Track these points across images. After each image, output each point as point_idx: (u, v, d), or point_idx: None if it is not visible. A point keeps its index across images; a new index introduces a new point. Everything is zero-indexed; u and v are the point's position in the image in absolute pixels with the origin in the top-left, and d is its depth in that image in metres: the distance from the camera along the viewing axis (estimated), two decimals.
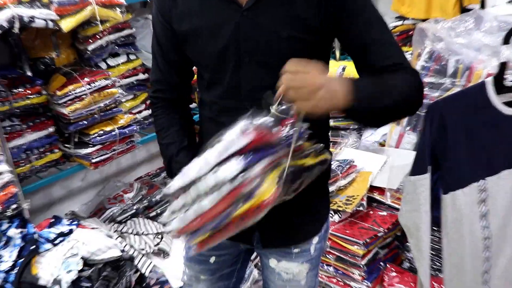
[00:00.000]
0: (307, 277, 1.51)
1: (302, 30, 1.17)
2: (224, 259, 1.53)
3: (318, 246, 1.49)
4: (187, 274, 1.62)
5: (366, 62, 1.21)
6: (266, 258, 1.50)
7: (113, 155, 2.24)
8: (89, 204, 2.58)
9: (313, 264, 1.51)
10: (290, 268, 1.48)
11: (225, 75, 1.25)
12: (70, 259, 1.92)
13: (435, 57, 2.55)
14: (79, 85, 2.08)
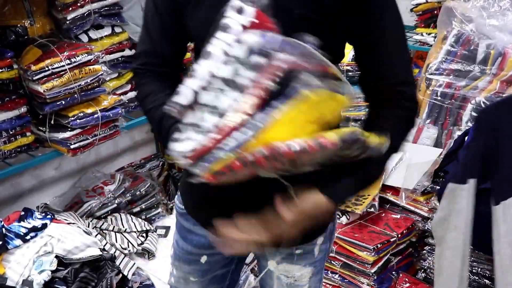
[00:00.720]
0: (310, 282, 1.51)
1: (317, 10, 1.17)
2: (216, 259, 1.53)
3: (323, 247, 1.49)
4: (174, 276, 1.62)
5: (368, 71, 1.27)
6: (265, 260, 1.50)
7: (94, 141, 2.23)
8: (63, 197, 2.58)
9: (317, 267, 1.52)
10: (291, 271, 1.48)
11: None
12: (43, 258, 1.91)
13: (463, 41, 2.56)
14: (57, 60, 2.06)
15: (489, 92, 2.53)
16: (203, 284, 1.58)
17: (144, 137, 2.98)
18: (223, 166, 0.97)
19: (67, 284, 1.93)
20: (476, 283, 2.48)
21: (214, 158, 0.97)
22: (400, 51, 1.25)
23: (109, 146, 2.79)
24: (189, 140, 1.00)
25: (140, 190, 2.59)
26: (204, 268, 1.54)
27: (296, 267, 1.47)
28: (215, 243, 1.24)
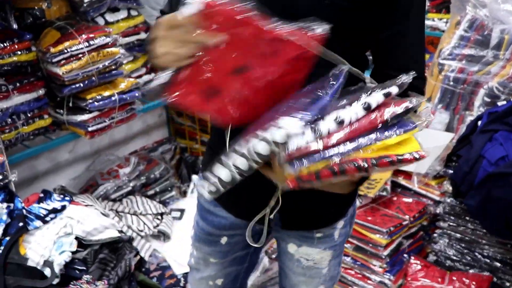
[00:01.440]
0: (329, 265, 1.52)
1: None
2: (236, 241, 1.52)
3: (343, 231, 1.49)
4: (194, 257, 1.62)
5: (384, 61, 1.30)
6: (285, 242, 1.50)
7: (111, 124, 2.23)
8: (78, 179, 2.59)
9: (337, 251, 1.52)
10: (311, 254, 1.48)
11: None
12: (63, 239, 1.92)
13: (477, 26, 2.55)
14: (75, 42, 2.06)
15: (502, 77, 2.52)
16: (223, 265, 1.58)
17: (157, 120, 2.98)
18: (312, 172, 1.01)
19: (86, 265, 1.95)
20: (487, 265, 2.50)
21: (309, 162, 0.99)
22: (420, 46, 1.30)
23: (122, 130, 2.78)
24: (302, 136, 1.00)
25: (155, 173, 2.60)
26: (224, 250, 1.54)
27: (316, 250, 1.47)
28: None
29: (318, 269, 1.52)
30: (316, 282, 1.55)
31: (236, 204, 1.44)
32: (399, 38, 1.25)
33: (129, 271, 2.01)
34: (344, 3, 1.17)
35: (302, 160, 1.00)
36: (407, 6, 1.21)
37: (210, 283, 1.61)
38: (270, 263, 2.39)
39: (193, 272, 1.65)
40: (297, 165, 0.99)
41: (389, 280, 2.50)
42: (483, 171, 2.25)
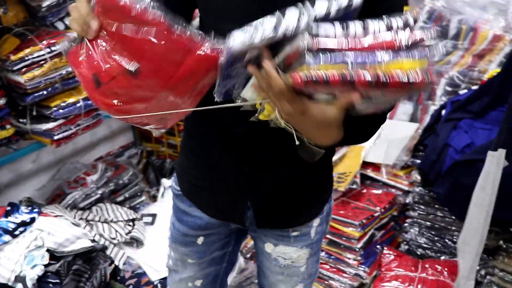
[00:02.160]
0: (307, 263, 1.51)
1: None
2: (213, 240, 1.51)
3: (319, 229, 1.49)
4: (172, 258, 1.60)
5: None
6: (262, 242, 1.50)
7: (77, 131, 2.19)
8: (43, 190, 2.54)
9: (314, 249, 1.51)
10: (288, 253, 1.48)
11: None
12: (34, 252, 1.89)
13: (435, 17, 2.60)
14: (36, 49, 2.02)
15: (461, 67, 2.58)
16: (201, 266, 1.56)
17: (121, 125, 2.92)
18: (323, 74, 0.91)
19: (60, 277, 1.91)
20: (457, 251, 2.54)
21: (331, 59, 0.91)
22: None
23: (86, 136, 2.72)
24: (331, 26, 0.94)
25: (123, 179, 2.57)
26: (201, 250, 1.52)
27: (292, 249, 1.47)
28: None
29: (295, 268, 1.51)
30: (295, 281, 1.55)
31: (210, 204, 1.42)
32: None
33: (105, 280, 1.98)
34: None
35: (326, 53, 0.91)
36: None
37: (189, 284, 1.59)
38: (245, 262, 2.38)
39: (172, 274, 1.63)
40: (318, 59, 0.91)
41: (364, 272, 2.52)
42: (450, 159, 2.29)
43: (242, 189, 1.24)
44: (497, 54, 2.41)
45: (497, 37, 2.42)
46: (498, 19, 2.43)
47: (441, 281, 2.42)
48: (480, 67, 2.49)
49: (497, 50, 2.42)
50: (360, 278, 2.53)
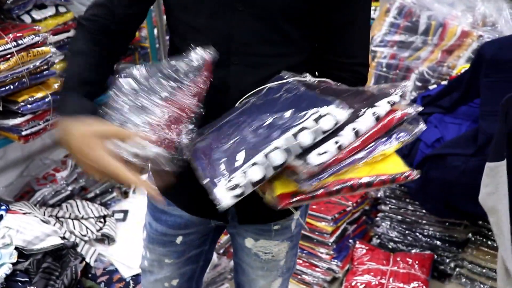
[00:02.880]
0: (286, 257, 1.53)
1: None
2: (192, 239, 1.51)
3: (299, 222, 1.50)
4: (148, 259, 1.58)
5: (333, 47, 1.30)
6: (241, 237, 1.50)
7: (46, 126, 2.13)
8: (11, 187, 2.48)
9: (293, 242, 1.52)
10: (269, 247, 1.48)
11: (214, 23, 1.22)
12: (2, 251, 1.84)
13: (406, 13, 2.62)
14: (2, 42, 1.95)
15: (431, 62, 2.60)
16: (178, 265, 1.55)
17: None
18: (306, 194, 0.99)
19: (29, 276, 1.86)
20: (428, 244, 2.58)
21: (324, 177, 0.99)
22: (366, 36, 1.33)
23: (53, 132, 2.66)
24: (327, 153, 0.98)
25: None
26: (179, 249, 1.52)
27: (274, 242, 1.47)
28: None
29: (276, 262, 1.52)
30: (274, 275, 1.55)
31: (190, 201, 1.41)
32: (349, 26, 1.26)
33: (76, 278, 1.94)
34: (297, 4, 1.19)
35: (320, 175, 0.98)
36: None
37: (165, 285, 1.59)
38: (218, 258, 2.38)
39: (147, 275, 1.62)
40: (313, 181, 0.98)
41: (337, 266, 2.55)
42: (421, 153, 2.33)
43: None
44: (466, 49, 2.44)
45: (465, 33, 2.45)
46: (466, 15, 2.46)
47: (412, 274, 2.46)
48: (449, 62, 2.52)
49: (465, 46, 2.45)
50: (332, 272, 2.56)
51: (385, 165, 1.02)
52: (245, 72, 1.24)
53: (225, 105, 1.23)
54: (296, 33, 1.24)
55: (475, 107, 2.26)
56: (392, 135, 1.04)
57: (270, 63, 1.25)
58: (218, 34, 1.22)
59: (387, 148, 1.02)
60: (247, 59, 1.24)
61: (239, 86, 1.24)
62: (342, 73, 1.29)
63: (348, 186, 0.99)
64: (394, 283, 2.42)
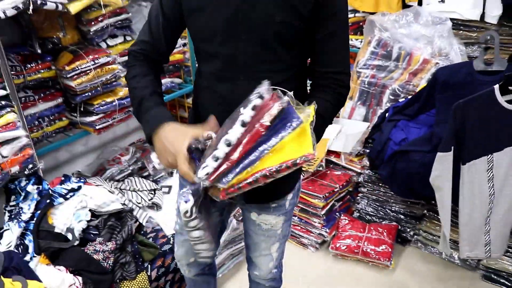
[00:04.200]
0: (282, 227, 1.53)
1: (294, 16, 1.16)
2: (212, 211, 1.48)
3: (292, 201, 1.50)
4: (179, 224, 1.60)
5: (317, 58, 1.26)
6: (248, 212, 1.50)
7: (113, 123, 2.20)
8: (90, 166, 2.54)
9: (287, 216, 1.52)
10: (269, 220, 1.48)
11: (224, 49, 1.22)
12: (80, 211, 1.91)
13: (382, 44, 2.61)
14: (84, 62, 2.03)
15: (401, 81, 2.60)
16: None
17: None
18: (234, 185, 1.01)
19: (98, 230, 1.94)
20: (394, 218, 2.59)
21: (226, 180, 1.00)
22: (345, 49, 1.27)
23: (122, 126, 2.74)
24: (207, 167, 1.02)
25: None
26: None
27: (272, 216, 1.47)
28: None
29: (274, 231, 1.52)
30: (273, 240, 1.55)
31: None
32: (329, 39, 1.21)
33: (131, 233, 2.00)
34: (292, 21, 1.16)
35: (221, 179, 1.00)
36: (333, 14, 1.19)
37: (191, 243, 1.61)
38: (237, 224, 2.40)
39: (178, 235, 1.65)
40: (222, 183, 1.01)
41: (326, 232, 2.57)
42: (390, 150, 2.33)
43: None
44: (426, 73, 2.43)
45: (426, 60, 2.43)
46: (427, 47, 2.44)
47: (381, 240, 2.47)
48: (414, 82, 2.51)
49: (426, 70, 2.43)
50: (322, 236, 2.59)
51: (292, 151, 0.99)
52: (249, 85, 1.19)
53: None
54: (287, 54, 1.22)
55: (431, 116, 2.25)
56: (285, 125, 1.00)
57: (268, 77, 1.18)
58: (227, 57, 1.22)
59: (285, 135, 0.99)
60: (250, 75, 1.22)
61: (243, 97, 1.19)
62: (325, 81, 1.24)
63: (262, 175, 0.99)
64: (368, 246, 2.44)
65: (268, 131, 1.01)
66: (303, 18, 1.17)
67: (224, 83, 1.25)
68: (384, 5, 2.79)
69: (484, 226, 1.97)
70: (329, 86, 1.24)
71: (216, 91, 1.27)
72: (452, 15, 2.52)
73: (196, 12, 1.21)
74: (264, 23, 1.17)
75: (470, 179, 1.91)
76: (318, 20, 1.18)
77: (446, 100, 2.08)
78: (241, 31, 1.18)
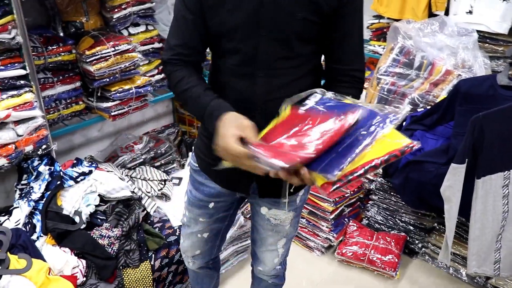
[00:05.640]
0: (291, 223, 1.52)
1: (316, 13, 1.16)
2: (221, 205, 1.51)
3: (303, 197, 1.49)
4: (186, 217, 1.61)
5: (334, 56, 1.27)
6: (258, 206, 1.49)
7: (128, 110, 2.21)
8: (103, 152, 2.56)
9: (297, 212, 1.52)
10: (279, 215, 1.48)
11: (244, 45, 1.21)
12: (89, 195, 1.92)
13: (405, 52, 2.57)
14: (104, 47, 2.04)
15: (421, 91, 2.55)
16: (209, 223, 1.57)
17: (165, 109, 2.96)
18: (342, 178, 0.97)
19: (106, 215, 1.95)
20: (403, 228, 2.56)
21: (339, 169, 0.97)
22: (361, 46, 1.29)
23: (138, 115, 2.77)
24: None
25: (161, 150, 2.57)
26: (210, 212, 1.53)
27: (282, 212, 1.47)
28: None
29: (282, 226, 1.52)
30: (280, 236, 1.55)
31: (222, 178, 1.42)
32: (348, 37, 1.24)
33: (138, 222, 2.01)
34: (314, 18, 1.17)
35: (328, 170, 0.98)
36: (352, 12, 1.21)
37: (198, 236, 1.61)
38: (244, 221, 2.40)
39: (185, 228, 1.65)
40: (334, 173, 0.96)
41: (333, 237, 2.55)
42: (405, 159, 2.29)
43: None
44: (448, 84, 2.38)
45: (448, 72, 2.38)
46: (450, 58, 2.39)
47: (388, 249, 2.44)
48: (435, 92, 2.46)
49: (447, 81, 2.39)
50: (329, 241, 2.57)
51: (392, 143, 0.99)
52: (267, 82, 1.22)
53: (252, 108, 1.23)
54: (305, 50, 1.22)
55: (449, 128, 2.21)
56: (386, 119, 1.01)
57: (286, 74, 1.23)
58: (247, 53, 1.21)
59: (385, 130, 1.00)
60: (269, 72, 1.22)
61: (262, 92, 1.23)
62: (342, 77, 1.26)
63: (372, 166, 0.96)
64: (374, 254, 2.42)
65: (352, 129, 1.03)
66: (324, 15, 1.18)
67: (242, 80, 1.24)
68: (410, 12, 2.75)
69: (495, 243, 1.93)
70: (349, 82, 1.26)
71: (235, 87, 1.26)
72: (479, 27, 2.47)
73: (217, 6, 1.20)
74: (286, 20, 1.17)
75: (484, 194, 1.87)
76: (338, 18, 1.19)
77: (466, 112, 2.03)
78: (262, 27, 1.18)
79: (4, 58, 1.74)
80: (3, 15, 1.69)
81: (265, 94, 1.23)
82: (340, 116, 1.04)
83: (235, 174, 1.36)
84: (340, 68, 1.27)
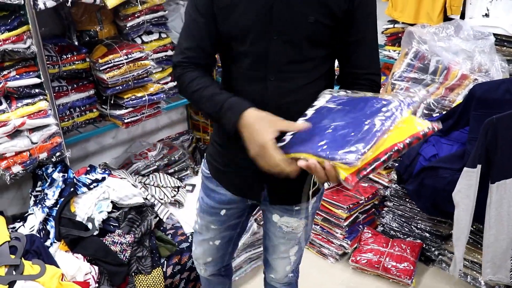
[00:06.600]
0: (303, 231, 1.50)
1: (328, 17, 1.15)
2: (232, 212, 1.50)
3: (315, 205, 1.48)
4: (198, 224, 1.60)
5: (350, 61, 1.26)
6: (270, 213, 1.48)
7: (142, 118, 2.23)
8: (118, 159, 2.58)
9: (309, 220, 1.51)
10: (290, 222, 1.46)
11: (255, 48, 1.20)
12: (102, 202, 1.94)
13: (420, 57, 2.54)
14: (117, 56, 2.07)
15: (436, 96, 2.52)
16: (221, 230, 1.56)
17: (179, 117, 2.97)
18: (366, 165, 0.94)
19: (118, 222, 1.96)
20: (419, 235, 2.52)
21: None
22: (375, 50, 1.28)
23: (152, 122, 2.79)
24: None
25: (175, 157, 2.58)
26: (222, 219, 1.52)
27: (294, 219, 1.46)
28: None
29: (294, 234, 1.50)
30: (292, 243, 1.54)
31: (234, 185, 1.42)
32: (363, 41, 1.23)
33: (150, 228, 2.02)
34: (325, 21, 1.16)
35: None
36: (365, 16, 1.21)
37: (210, 243, 1.61)
38: (257, 228, 2.39)
39: (197, 235, 1.65)
40: (357, 159, 0.93)
41: (347, 244, 2.53)
42: (419, 165, 2.27)
43: (259, 174, 1.18)
44: (464, 88, 2.34)
45: (464, 76, 2.35)
46: (466, 62, 2.35)
47: (404, 257, 2.41)
48: (450, 97, 2.43)
49: (463, 86, 2.35)
50: (343, 248, 2.54)
51: (411, 127, 0.97)
52: (279, 86, 1.21)
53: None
54: (316, 54, 1.21)
55: (465, 133, 2.17)
56: (403, 104, 0.99)
57: (297, 78, 1.21)
58: (258, 56, 1.20)
59: (404, 114, 0.98)
60: (280, 76, 1.21)
61: (274, 97, 1.22)
62: (361, 81, 1.25)
63: (395, 151, 0.93)
64: (390, 262, 2.39)
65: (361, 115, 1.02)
66: (336, 19, 1.17)
67: (254, 84, 1.23)
68: (425, 16, 2.71)
69: (511, 250, 1.88)
70: (366, 85, 1.25)
71: (246, 91, 1.24)
72: (495, 30, 2.43)
73: (229, 8, 1.19)
74: (297, 23, 1.16)
75: (498, 199, 1.83)
76: (350, 22, 1.18)
77: (481, 117, 1.98)
78: (273, 30, 1.17)
79: (19, 67, 1.78)
80: (19, 25, 1.72)
81: (277, 98, 1.22)
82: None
83: (246, 181, 1.38)
84: (356, 73, 1.26)
